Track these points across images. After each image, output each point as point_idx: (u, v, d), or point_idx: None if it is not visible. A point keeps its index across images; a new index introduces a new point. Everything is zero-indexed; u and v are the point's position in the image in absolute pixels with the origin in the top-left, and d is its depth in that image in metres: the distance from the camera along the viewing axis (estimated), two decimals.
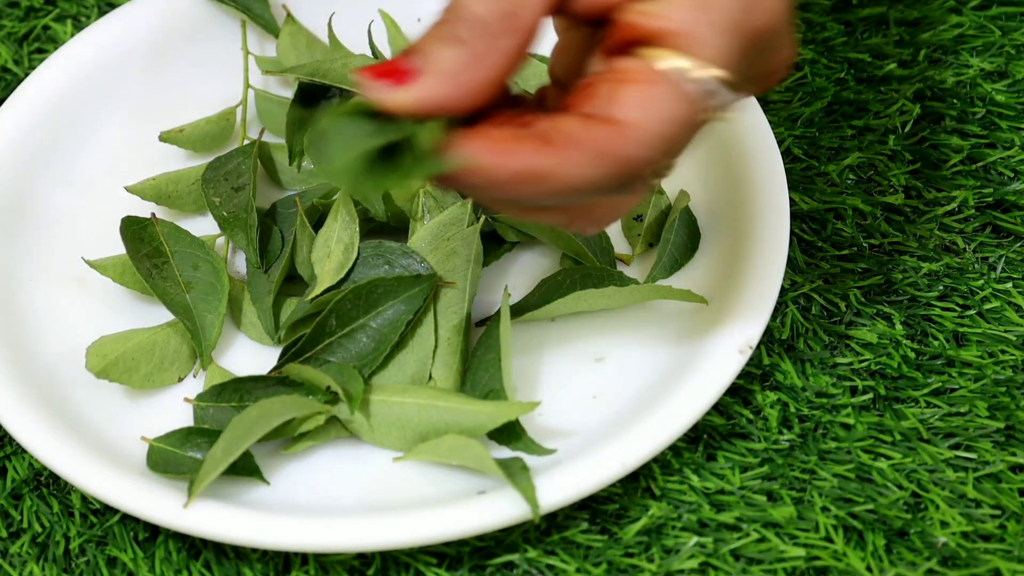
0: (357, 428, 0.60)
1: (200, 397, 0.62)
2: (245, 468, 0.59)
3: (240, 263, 0.67)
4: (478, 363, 0.61)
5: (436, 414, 0.59)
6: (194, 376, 0.64)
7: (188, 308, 0.63)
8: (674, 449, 0.61)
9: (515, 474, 0.57)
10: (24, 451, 0.63)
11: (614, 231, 0.67)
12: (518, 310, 0.63)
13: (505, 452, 0.59)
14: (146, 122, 0.71)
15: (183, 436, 0.60)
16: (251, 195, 0.66)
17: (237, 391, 0.61)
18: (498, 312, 0.61)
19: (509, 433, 0.59)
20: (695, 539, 0.59)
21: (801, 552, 0.58)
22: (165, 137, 0.70)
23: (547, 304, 0.63)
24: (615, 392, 0.62)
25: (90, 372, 0.61)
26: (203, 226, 0.68)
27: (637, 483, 0.60)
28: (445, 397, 0.60)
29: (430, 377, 0.62)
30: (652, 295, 0.63)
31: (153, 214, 0.66)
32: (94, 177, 0.70)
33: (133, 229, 0.65)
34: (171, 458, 0.59)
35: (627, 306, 0.64)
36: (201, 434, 0.60)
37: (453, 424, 0.59)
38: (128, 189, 0.68)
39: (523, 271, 0.67)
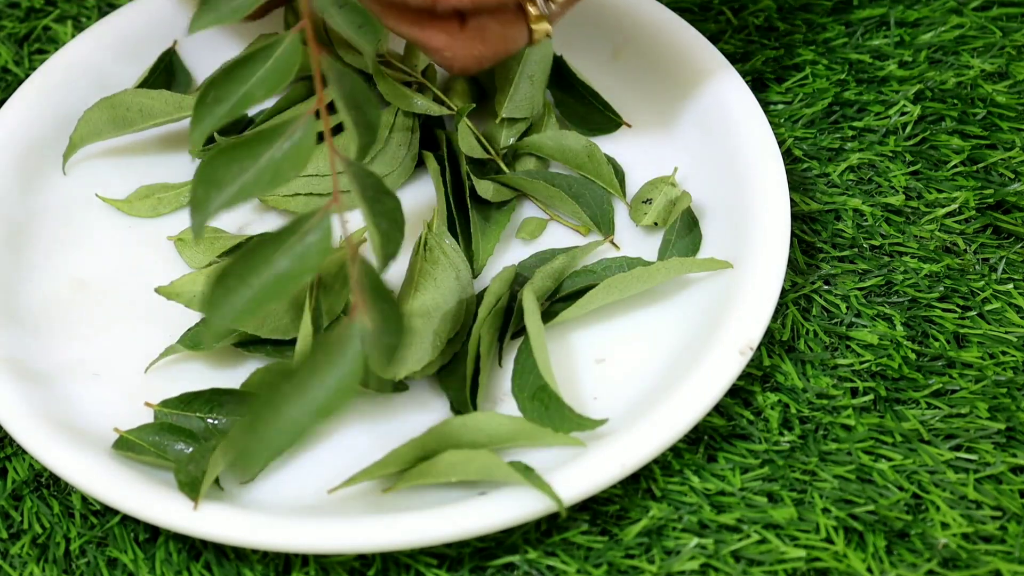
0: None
1: (166, 403, 0.62)
2: None
3: None
4: (521, 367, 0.62)
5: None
6: None
7: None
8: (675, 450, 0.61)
9: (526, 474, 0.57)
10: (24, 452, 0.63)
11: (620, 221, 0.67)
12: (552, 312, 0.63)
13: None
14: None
15: (154, 430, 0.60)
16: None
17: (208, 401, 0.61)
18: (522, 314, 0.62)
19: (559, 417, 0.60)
20: (696, 540, 0.59)
21: (802, 553, 0.58)
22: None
23: (581, 298, 0.63)
24: (615, 393, 0.62)
25: None
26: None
27: (638, 484, 0.60)
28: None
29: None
30: (679, 270, 0.63)
31: None
32: (94, 177, 0.70)
33: None
34: (136, 448, 0.60)
35: (628, 306, 0.64)
36: (172, 431, 0.60)
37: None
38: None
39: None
